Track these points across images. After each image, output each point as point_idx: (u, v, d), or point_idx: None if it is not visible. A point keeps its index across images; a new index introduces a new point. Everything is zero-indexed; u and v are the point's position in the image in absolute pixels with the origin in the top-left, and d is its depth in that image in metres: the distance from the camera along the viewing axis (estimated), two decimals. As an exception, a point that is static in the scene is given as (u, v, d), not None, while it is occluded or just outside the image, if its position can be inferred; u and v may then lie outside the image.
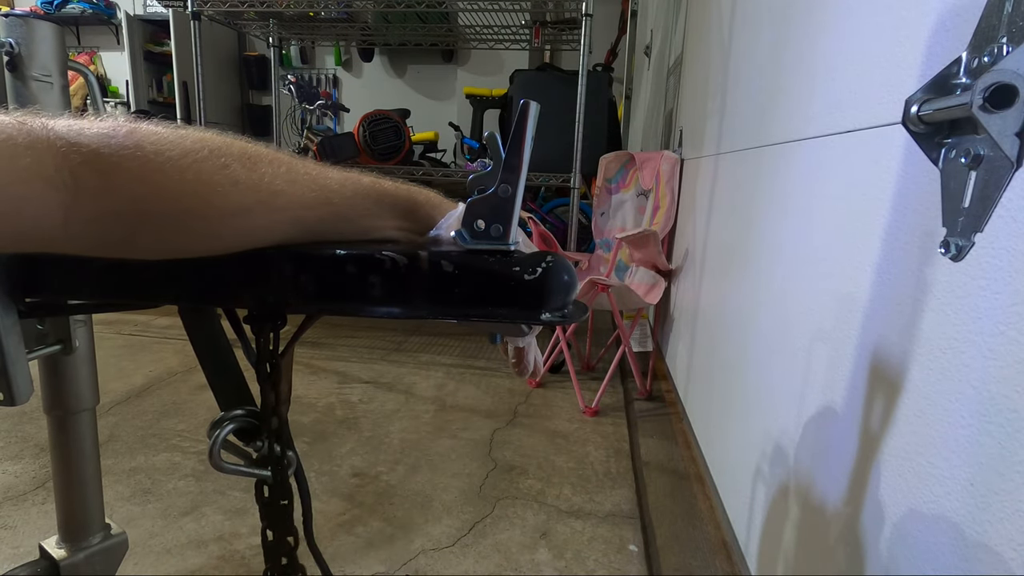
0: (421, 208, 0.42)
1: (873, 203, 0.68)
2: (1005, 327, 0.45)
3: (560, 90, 2.76)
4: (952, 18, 0.55)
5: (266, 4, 2.66)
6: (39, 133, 0.28)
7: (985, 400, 0.47)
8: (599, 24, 2.61)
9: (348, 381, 2.07)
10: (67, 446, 0.84)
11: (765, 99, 1.17)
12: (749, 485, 1.06)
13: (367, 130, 2.68)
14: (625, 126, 3.79)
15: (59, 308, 0.55)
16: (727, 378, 1.28)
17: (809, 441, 0.82)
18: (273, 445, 0.46)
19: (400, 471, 1.48)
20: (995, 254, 0.47)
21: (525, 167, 0.36)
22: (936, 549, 0.52)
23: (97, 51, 4.99)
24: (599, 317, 2.78)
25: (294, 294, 0.38)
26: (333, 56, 4.89)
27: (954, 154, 0.47)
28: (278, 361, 0.44)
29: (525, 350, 0.50)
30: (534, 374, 0.53)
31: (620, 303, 1.93)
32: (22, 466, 1.44)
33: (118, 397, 1.87)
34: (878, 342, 0.65)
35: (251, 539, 1.18)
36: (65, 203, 0.29)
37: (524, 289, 0.36)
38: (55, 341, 0.77)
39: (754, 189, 1.20)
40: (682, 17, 2.39)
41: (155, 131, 0.31)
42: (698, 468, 1.50)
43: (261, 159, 0.34)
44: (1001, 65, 0.40)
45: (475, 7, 2.65)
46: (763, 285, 1.08)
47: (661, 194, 2.17)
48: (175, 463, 1.48)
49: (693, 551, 1.20)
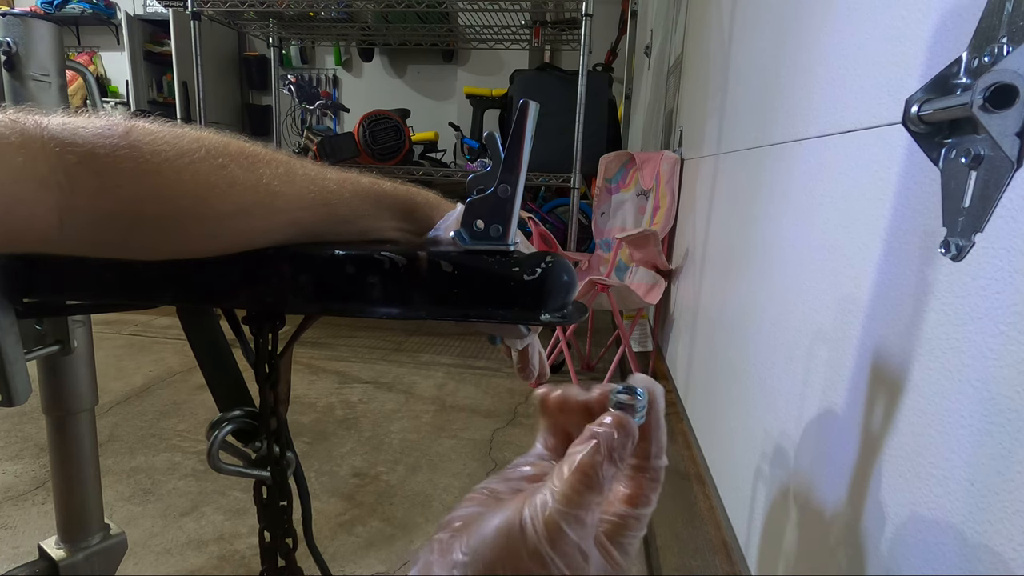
0: (420, 208, 0.42)
1: (873, 203, 0.68)
2: (1006, 327, 0.45)
3: (560, 90, 2.76)
4: (952, 18, 0.55)
5: (266, 4, 2.66)
6: (32, 132, 0.28)
7: (986, 400, 0.47)
8: (599, 24, 2.61)
9: (348, 381, 2.07)
10: (66, 446, 0.84)
11: (765, 99, 1.17)
12: (749, 485, 1.06)
13: (367, 130, 2.67)
14: (625, 126, 3.79)
15: (57, 308, 0.55)
16: (727, 378, 1.28)
17: (809, 441, 0.82)
18: (272, 446, 0.46)
19: (400, 471, 1.48)
20: (995, 254, 0.47)
21: (524, 167, 0.36)
22: (937, 549, 0.52)
23: (97, 51, 4.99)
24: (599, 317, 2.78)
25: (293, 294, 0.38)
26: (333, 56, 4.89)
27: (954, 154, 0.46)
28: (277, 362, 0.44)
29: (529, 353, 0.49)
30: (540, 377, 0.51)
31: (620, 303, 1.93)
32: (22, 466, 1.44)
33: (118, 397, 1.87)
34: (878, 342, 0.65)
35: (251, 539, 1.18)
36: (60, 203, 0.28)
37: (523, 289, 0.36)
38: (53, 341, 0.77)
39: (754, 189, 1.20)
40: (682, 17, 2.39)
41: (151, 130, 0.31)
42: (698, 468, 1.50)
43: (259, 159, 0.34)
44: (1001, 65, 0.40)
45: (475, 7, 2.65)
46: (763, 285, 1.08)
47: (661, 194, 2.17)
48: (175, 463, 1.48)
49: (693, 551, 1.20)
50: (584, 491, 0.25)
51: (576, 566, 0.24)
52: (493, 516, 0.26)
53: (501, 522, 0.25)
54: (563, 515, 0.24)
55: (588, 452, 0.26)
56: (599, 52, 3.71)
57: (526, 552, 0.24)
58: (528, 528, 0.24)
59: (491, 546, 0.25)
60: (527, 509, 0.25)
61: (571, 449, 0.26)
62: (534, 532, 0.24)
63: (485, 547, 0.25)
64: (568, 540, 0.24)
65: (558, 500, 0.25)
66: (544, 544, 0.24)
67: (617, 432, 0.26)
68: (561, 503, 0.24)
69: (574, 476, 0.25)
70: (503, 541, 0.25)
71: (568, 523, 0.24)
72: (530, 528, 0.24)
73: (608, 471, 0.25)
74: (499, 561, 0.24)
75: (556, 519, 0.24)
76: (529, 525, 0.24)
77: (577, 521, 0.24)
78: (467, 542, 0.26)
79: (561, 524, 0.24)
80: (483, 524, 0.26)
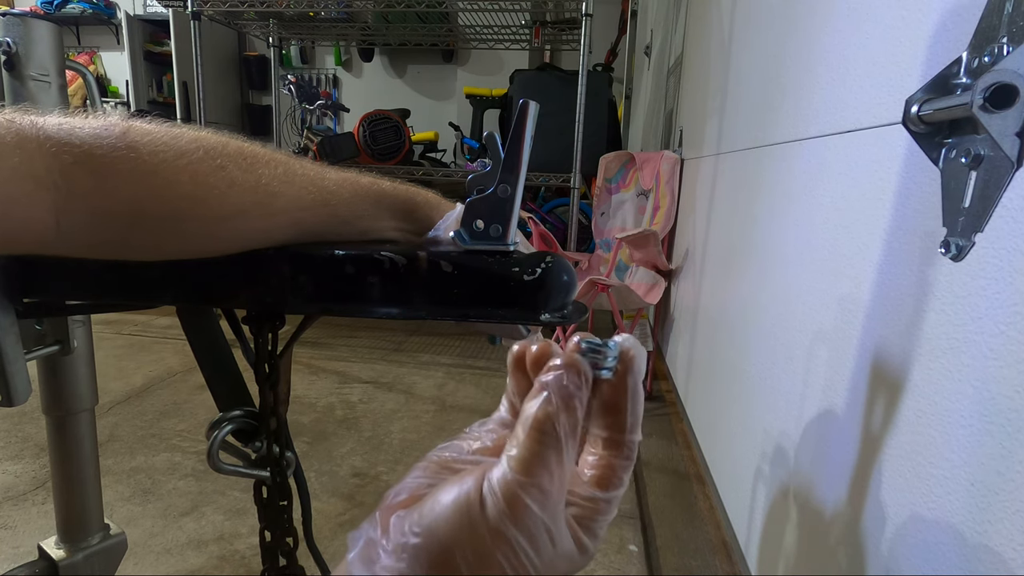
0: (420, 208, 0.42)
1: (873, 203, 0.68)
2: (1006, 327, 0.45)
3: (560, 90, 2.76)
4: (952, 18, 0.55)
5: (266, 4, 2.66)
6: (28, 132, 0.27)
7: (986, 400, 0.47)
8: (599, 24, 2.61)
9: (348, 381, 2.07)
10: (66, 446, 0.84)
11: (765, 99, 1.17)
12: (749, 485, 1.06)
13: (367, 130, 2.67)
14: (625, 126, 3.79)
15: (57, 308, 0.54)
16: (727, 378, 1.28)
17: (809, 441, 0.82)
18: (272, 446, 0.46)
19: (400, 471, 1.48)
20: (995, 254, 0.47)
21: (524, 167, 0.36)
22: (937, 549, 0.52)
23: (97, 51, 4.99)
24: (599, 317, 2.78)
25: (293, 294, 0.38)
26: (333, 56, 4.89)
27: (954, 154, 0.46)
28: (277, 362, 0.44)
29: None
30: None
31: (620, 303, 1.93)
32: (22, 466, 1.44)
33: (118, 397, 1.87)
34: (878, 342, 0.65)
35: (251, 539, 1.18)
36: (57, 204, 0.28)
37: (523, 289, 0.36)
38: (53, 341, 0.77)
39: (754, 189, 1.20)
40: (682, 17, 2.39)
41: (149, 131, 0.31)
42: (698, 468, 1.50)
43: (258, 160, 0.34)
44: (1001, 65, 0.40)
45: (475, 7, 2.65)
46: (763, 285, 1.08)
47: (661, 194, 2.17)
48: (175, 463, 1.48)
49: (693, 551, 1.20)
50: (543, 451, 0.22)
51: (542, 547, 0.22)
52: (447, 490, 0.23)
53: (457, 497, 0.23)
54: (523, 485, 0.22)
55: (540, 405, 0.23)
56: (599, 52, 3.71)
57: (487, 531, 0.22)
58: (488, 503, 0.22)
59: (447, 524, 0.22)
60: (486, 482, 0.23)
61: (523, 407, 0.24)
62: (494, 508, 0.22)
63: (439, 526, 0.22)
64: (532, 515, 0.22)
65: (515, 469, 0.22)
66: (506, 521, 0.22)
67: (568, 374, 0.24)
68: (519, 471, 0.22)
69: (529, 437, 0.23)
70: (460, 519, 0.22)
71: (530, 494, 0.22)
72: (490, 503, 0.22)
73: (566, 422, 0.23)
74: (456, 542, 0.22)
75: (516, 490, 0.22)
76: (489, 500, 0.22)
77: (540, 491, 0.22)
78: (418, 520, 0.23)
79: (522, 496, 0.22)
80: (436, 500, 0.23)
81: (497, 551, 0.22)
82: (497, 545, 0.22)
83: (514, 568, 0.22)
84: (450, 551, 0.22)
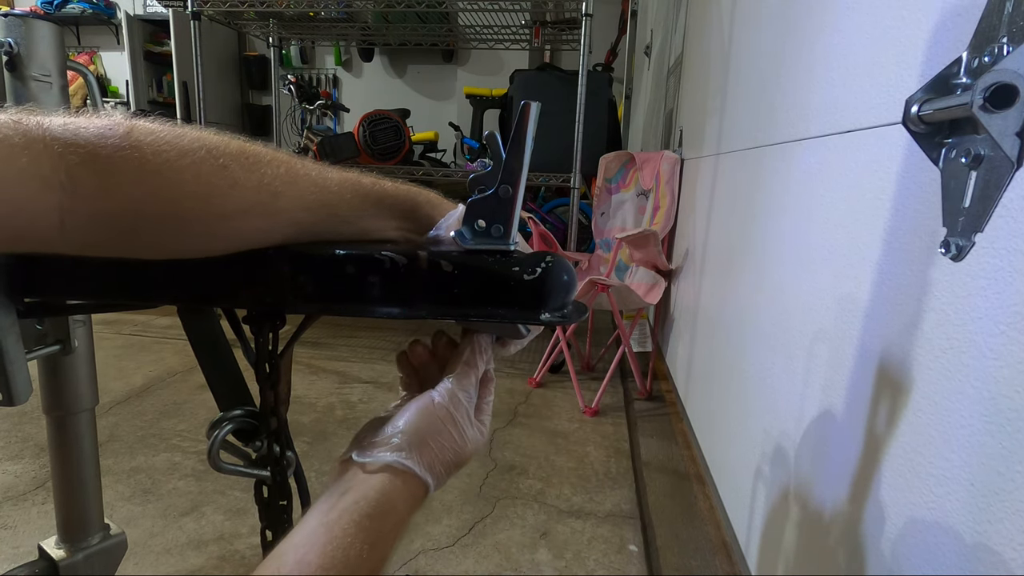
0: (421, 208, 0.42)
1: (873, 203, 0.68)
2: (1006, 327, 0.45)
3: (560, 90, 2.76)
4: (952, 18, 0.55)
5: (266, 4, 2.66)
6: (35, 133, 0.27)
7: (986, 400, 0.47)
8: (599, 24, 2.61)
9: (348, 381, 2.07)
10: (66, 446, 0.84)
11: (765, 99, 1.17)
12: (749, 485, 1.06)
13: (367, 130, 2.67)
14: (625, 126, 3.79)
15: (58, 308, 0.55)
16: (727, 378, 1.28)
17: (809, 441, 0.82)
18: (272, 445, 0.46)
19: (400, 471, 1.48)
20: (995, 254, 0.47)
21: (526, 167, 0.36)
22: (937, 549, 0.52)
23: (97, 51, 4.99)
24: (599, 317, 2.78)
25: (293, 294, 0.38)
26: (333, 56, 4.89)
27: (954, 154, 0.46)
28: (277, 361, 0.44)
29: None
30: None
31: (620, 303, 1.93)
32: (22, 466, 1.44)
33: (118, 397, 1.87)
34: (879, 342, 0.65)
35: (251, 539, 1.18)
36: (62, 204, 0.28)
37: (523, 289, 0.36)
38: (54, 341, 0.77)
39: (754, 189, 1.20)
40: (682, 17, 2.39)
41: (152, 130, 0.31)
42: (698, 468, 1.50)
43: (260, 159, 0.34)
44: (1001, 65, 0.40)
45: (475, 7, 2.65)
46: (763, 285, 1.08)
47: (661, 194, 2.17)
48: (175, 463, 1.48)
49: (693, 551, 1.20)
50: (468, 371, 0.41)
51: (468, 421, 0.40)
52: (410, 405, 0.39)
53: (420, 404, 0.39)
54: (458, 387, 0.40)
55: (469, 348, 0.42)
56: (599, 52, 3.71)
57: (439, 416, 0.38)
58: (437, 399, 0.39)
59: (416, 418, 0.38)
60: (435, 392, 0.39)
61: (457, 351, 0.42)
62: (442, 400, 0.39)
63: (411, 422, 0.38)
64: (462, 405, 0.39)
65: (454, 381, 0.40)
66: (450, 406, 0.39)
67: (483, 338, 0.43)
68: (455, 382, 0.40)
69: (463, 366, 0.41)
70: (423, 414, 0.38)
71: (463, 390, 0.40)
72: (439, 399, 0.39)
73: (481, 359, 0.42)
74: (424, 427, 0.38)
75: (455, 390, 0.40)
76: (438, 398, 0.39)
77: (465, 391, 0.40)
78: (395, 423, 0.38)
79: (458, 393, 0.40)
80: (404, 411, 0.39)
81: (447, 428, 0.38)
82: (446, 424, 0.38)
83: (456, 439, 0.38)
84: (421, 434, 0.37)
